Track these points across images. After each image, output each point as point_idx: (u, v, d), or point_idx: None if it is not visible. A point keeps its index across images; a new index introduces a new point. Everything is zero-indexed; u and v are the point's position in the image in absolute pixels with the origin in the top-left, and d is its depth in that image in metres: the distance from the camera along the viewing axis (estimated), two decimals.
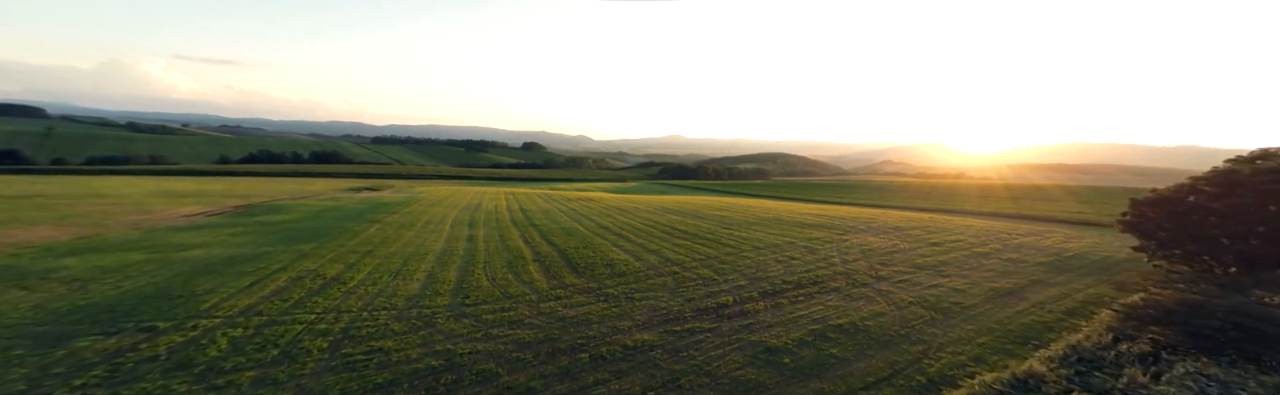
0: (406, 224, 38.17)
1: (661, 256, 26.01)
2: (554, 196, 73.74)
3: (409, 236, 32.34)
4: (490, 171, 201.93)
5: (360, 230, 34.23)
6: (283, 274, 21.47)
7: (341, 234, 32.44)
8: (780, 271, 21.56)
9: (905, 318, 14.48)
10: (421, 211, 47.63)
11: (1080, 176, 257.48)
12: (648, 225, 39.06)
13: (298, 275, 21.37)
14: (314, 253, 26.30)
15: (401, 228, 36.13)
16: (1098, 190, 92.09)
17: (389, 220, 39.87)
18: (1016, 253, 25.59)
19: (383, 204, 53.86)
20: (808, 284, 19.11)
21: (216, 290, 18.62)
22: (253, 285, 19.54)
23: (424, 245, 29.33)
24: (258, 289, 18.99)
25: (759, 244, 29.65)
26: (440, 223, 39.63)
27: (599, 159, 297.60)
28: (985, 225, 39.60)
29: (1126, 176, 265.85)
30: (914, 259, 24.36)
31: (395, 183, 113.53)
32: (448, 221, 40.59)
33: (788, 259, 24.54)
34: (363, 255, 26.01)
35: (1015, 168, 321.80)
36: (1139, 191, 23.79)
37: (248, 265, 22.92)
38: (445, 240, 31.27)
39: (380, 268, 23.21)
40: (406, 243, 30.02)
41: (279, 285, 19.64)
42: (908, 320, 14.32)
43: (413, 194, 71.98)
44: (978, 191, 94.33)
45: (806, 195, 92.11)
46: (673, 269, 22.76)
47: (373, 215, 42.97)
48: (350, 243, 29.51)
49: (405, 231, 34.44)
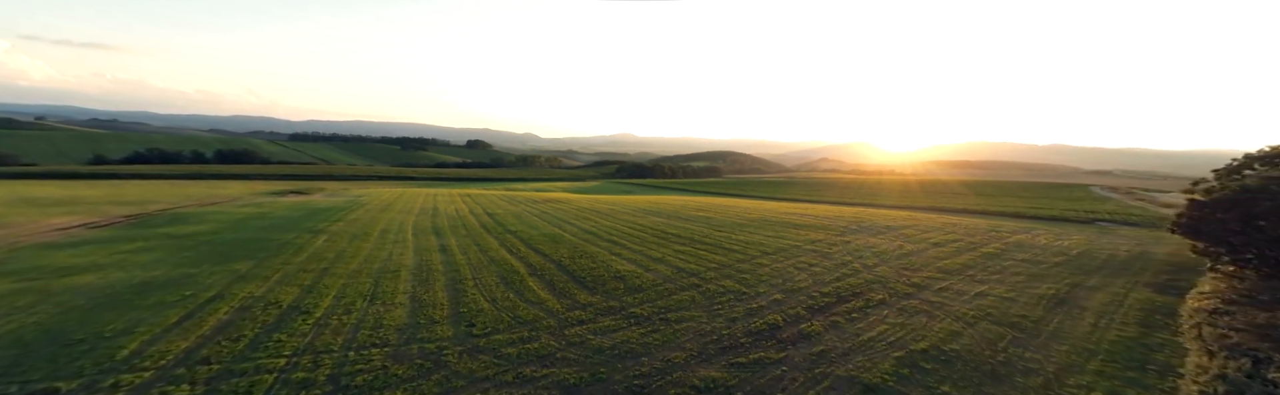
0: (360, 234, 33.86)
1: (671, 266, 24.18)
2: (517, 198, 69.88)
3: (369, 249, 28.43)
4: (435, 171, 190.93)
5: (304, 243, 29.78)
6: (221, 304, 17.57)
7: (282, 248, 27.97)
8: (809, 281, 20.40)
9: (985, 337, 13.46)
10: (372, 218, 42.88)
11: (978, 171, 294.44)
12: (635, 229, 37.09)
13: (242, 304, 17.57)
14: (253, 273, 22.17)
15: (355, 238, 31.91)
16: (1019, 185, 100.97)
17: (335, 229, 35.27)
18: (1024, 253, 26.15)
19: (321, 210, 48.19)
20: (848, 296, 18.02)
21: (134, 330, 14.70)
22: (184, 321, 15.68)
23: (392, 259, 25.72)
24: (193, 326, 15.21)
25: (765, 249, 28.56)
26: (400, 231, 35.56)
27: (551, 158, 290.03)
28: (968, 223, 41.02)
29: (1014, 172, 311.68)
30: (933, 262, 24.10)
31: (326, 185, 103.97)
32: (408, 229, 36.54)
33: (806, 266, 23.50)
34: (319, 274, 22.22)
35: (929, 164, 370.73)
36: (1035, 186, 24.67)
37: (168, 293, 18.68)
38: (415, 252, 27.71)
39: (348, 290, 19.73)
40: (369, 257, 26.23)
41: (221, 319, 15.91)
42: (990, 341, 13.30)
43: (353, 197, 65.59)
44: (920, 188, 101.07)
45: (772, 193, 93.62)
46: (691, 281, 21.00)
47: (313, 223, 37.97)
48: (297, 259, 25.35)
49: (361, 243, 30.35)
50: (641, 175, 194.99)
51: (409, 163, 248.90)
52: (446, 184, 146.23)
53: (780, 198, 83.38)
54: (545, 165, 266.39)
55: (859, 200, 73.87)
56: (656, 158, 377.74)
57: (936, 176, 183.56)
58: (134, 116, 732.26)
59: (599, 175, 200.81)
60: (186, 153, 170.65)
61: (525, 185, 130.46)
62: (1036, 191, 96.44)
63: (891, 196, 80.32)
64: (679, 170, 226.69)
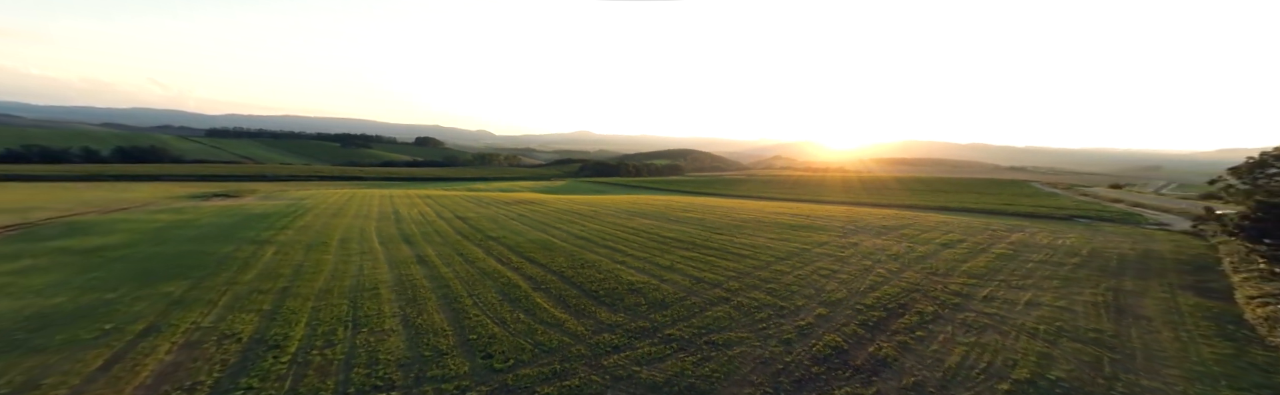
0: (316, 243, 30.18)
1: (686, 275, 22.51)
2: (484, 199, 66.18)
3: (333, 262, 25.11)
4: (384, 171, 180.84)
5: (249, 256, 26.04)
6: (158, 339, 14.39)
7: (223, 264, 24.23)
8: (843, 291, 19.23)
9: (1082, 360, 12.13)
10: (325, 224, 38.77)
11: (914, 168, 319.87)
12: (628, 233, 35.19)
13: (188, 339, 14.46)
14: (193, 297, 18.76)
15: (312, 249, 28.32)
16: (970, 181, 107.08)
17: (284, 239, 31.35)
18: (1035, 253, 26.29)
19: (260, 216, 43.31)
20: (896, 308, 16.94)
21: (40, 381, 11.48)
22: (112, 365, 12.57)
23: (365, 274, 22.67)
24: (126, 372, 12.15)
25: (776, 253, 27.42)
26: (364, 240, 32.05)
27: (511, 156, 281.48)
28: (958, 221, 41.62)
29: (945, 168, 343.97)
30: (955, 266, 23.61)
31: (258, 186, 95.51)
32: (373, 237, 33.06)
33: (829, 273, 22.42)
34: (279, 296, 19.06)
35: (870, 162, 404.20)
36: (985, 183, 25.09)
37: (81, 328, 15.24)
38: (390, 265, 24.67)
39: (322, 315, 16.82)
40: (336, 272, 23.04)
41: (164, 361, 12.87)
42: (1091, 365, 11.91)
43: (294, 200, 59.95)
44: (882, 186, 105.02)
45: (747, 192, 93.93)
46: (717, 293, 19.38)
47: (254, 232, 33.74)
48: (245, 277, 21.88)
49: (320, 254, 26.89)
50: (607, 174, 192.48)
51: (353, 161, 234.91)
52: (399, 184, 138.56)
53: (757, 196, 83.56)
54: (504, 164, 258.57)
55: (836, 198, 75.00)
56: (618, 156, 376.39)
57: (888, 174, 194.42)
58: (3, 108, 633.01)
59: (563, 174, 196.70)
60: (76, 150, 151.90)
61: (487, 185, 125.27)
62: (990, 188, 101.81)
63: (864, 194, 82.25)
64: (643, 168, 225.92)
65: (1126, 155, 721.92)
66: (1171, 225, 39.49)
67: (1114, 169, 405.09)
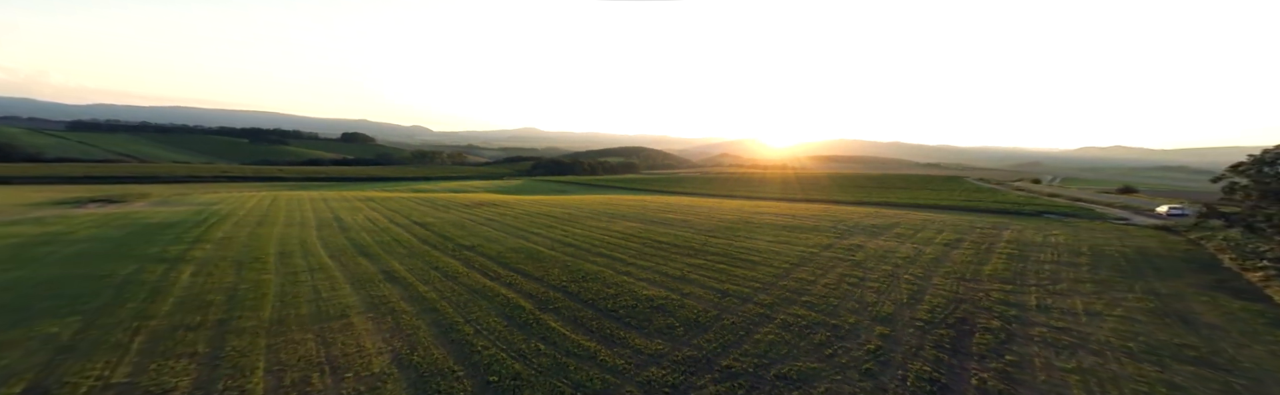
0: (247, 260, 25.73)
1: (705, 287, 20.62)
2: (438, 201, 61.28)
3: (276, 283, 21.16)
4: (309, 170, 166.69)
5: (158, 279, 21.55)
6: None
7: (123, 291, 19.77)
8: (887, 303, 17.84)
9: (1217, 390, 10.95)
10: (253, 235, 33.72)
11: (843, 165, 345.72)
12: (617, 238, 32.90)
13: None
14: (89, 340, 14.81)
15: (244, 267, 24.00)
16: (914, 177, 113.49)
17: (202, 255, 26.55)
18: (1040, 252, 26.44)
19: (159, 226, 37.22)
20: (954, 322, 15.74)
21: None
22: None
23: (325, 298, 19.07)
24: None
25: (787, 258, 26.12)
26: (309, 253, 27.81)
27: (455, 153, 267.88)
28: (940, 219, 42.23)
29: (874, 164, 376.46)
30: (975, 270, 22.95)
31: (150, 189, 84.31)
32: (319, 250, 28.82)
33: (857, 280, 21.24)
34: (216, 333, 15.37)
35: (806, 159, 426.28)
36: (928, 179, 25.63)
37: None
38: (353, 285, 21.08)
39: (283, 357, 13.51)
40: (285, 296, 19.27)
41: None
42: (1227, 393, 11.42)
43: (203, 206, 52.66)
44: (835, 183, 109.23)
45: (715, 190, 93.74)
46: (752, 309, 17.61)
47: (157, 248, 28.54)
48: (159, 308, 17.80)
49: (257, 274, 22.75)
50: (561, 172, 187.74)
51: (268, 160, 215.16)
52: (329, 185, 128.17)
53: (726, 195, 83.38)
54: (448, 162, 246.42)
55: (805, 196, 75.95)
56: (569, 153, 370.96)
57: (831, 170, 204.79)
58: None
59: (515, 172, 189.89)
60: None
61: (434, 185, 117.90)
62: (934, 184, 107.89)
63: (831, 192, 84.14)
64: (598, 166, 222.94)
65: (1011, 152, 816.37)
66: (1131, 220, 42.40)
67: (1005, 164, 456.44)
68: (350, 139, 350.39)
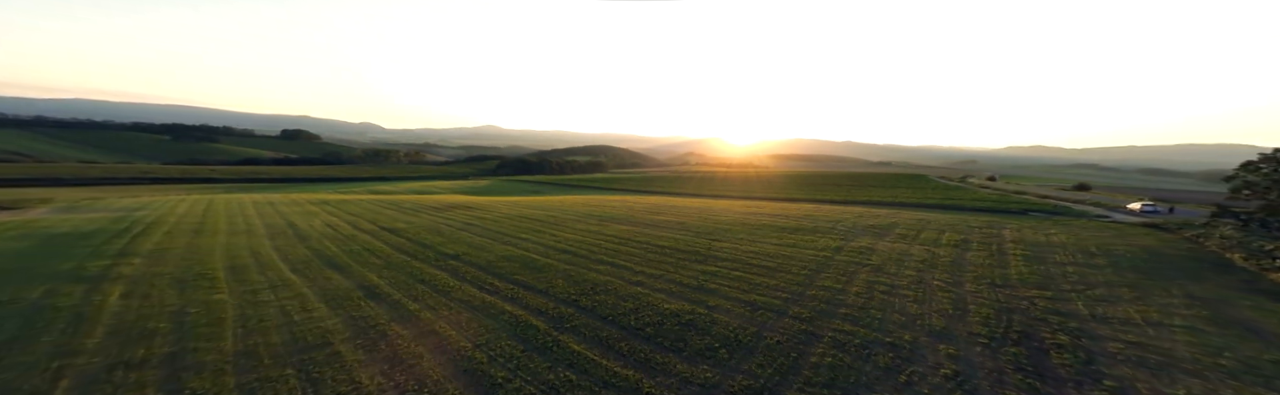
0: (191, 277, 22.70)
1: (730, 298, 19.31)
2: (404, 204, 57.64)
3: (234, 306, 18.49)
4: (248, 171, 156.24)
5: (78, 303, 18.57)
6: None
7: (33, 320, 16.75)
8: (933, 315, 16.80)
9: None
10: (191, 246, 30.25)
11: (806, 164, 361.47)
12: (614, 243, 31.23)
13: None
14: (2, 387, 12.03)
15: (189, 286, 21.08)
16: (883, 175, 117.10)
17: (132, 273, 23.30)
18: (1053, 254, 26.30)
19: (71, 237, 33.00)
20: (1017, 338, 14.67)
21: None
22: None
23: (298, 322, 16.64)
24: None
25: (803, 263, 25.16)
26: (265, 267, 24.89)
27: (412, 152, 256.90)
28: (933, 218, 42.54)
29: (834, 162, 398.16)
30: (1001, 274, 22.54)
31: (53, 193, 76.62)
32: (277, 263, 25.88)
33: (888, 288, 20.34)
34: (168, 371, 12.95)
35: (768, 157, 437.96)
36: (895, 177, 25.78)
37: None
38: (329, 305, 18.64)
39: None
40: (247, 322, 16.72)
41: None
42: None
43: (123, 213, 47.49)
44: (809, 181, 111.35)
45: (694, 190, 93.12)
46: (792, 324, 16.32)
47: (71, 264, 25.00)
48: (87, 340, 15.11)
49: (207, 294, 19.94)
50: (529, 171, 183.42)
51: (196, 159, 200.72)
52: (273, 187, 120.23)
53: (707, 194, 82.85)
54: (404, 161, 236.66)
55: (787, 195, 76.24)
56: (534, 152, 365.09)
57: (800, 169, 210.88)
58: None
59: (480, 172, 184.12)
60: None
61: (393, 186, 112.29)
62: (907, 182, 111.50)
63: (808, 191, 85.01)
64: (566, 165, 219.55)
65: (950, 151, 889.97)
66: (1112, 217, 44.08)
67: (946, 162, 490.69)
68: (292, 136, 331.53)
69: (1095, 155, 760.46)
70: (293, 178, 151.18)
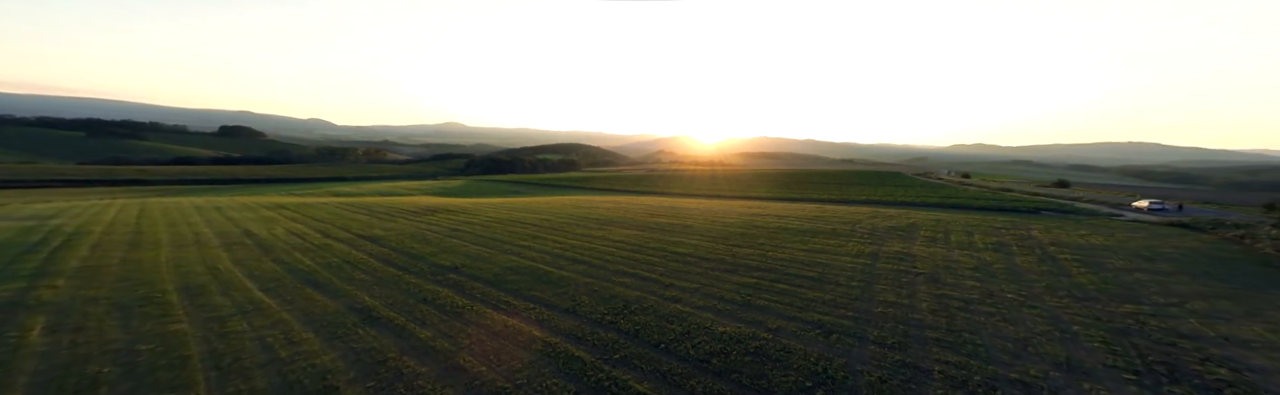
0: (134, 301, 19.59)
1: (787, 317, 17.51)
2: (376, 208, 53.89)
3: (200, 340, 15.70)
4: (183, 171, 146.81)
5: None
6: None
7: None
8: (1042, 341, 14.66)
9: None
10: (128, 262, 26.73)
11: (775, 162, 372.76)
12: (627, 250, 29.16)
13: None
14: None
15: (133, 313, 18.08)
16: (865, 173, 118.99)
17: (55, 298, 19.96)
18: (1108, 258, 25.13)
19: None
20: (1171, 373, 12.23)
21: None
22: None
23: (284, 360, 14.03)
24: None
25: (847, 272, 23.61)
26: (228, 286, 21.83)
27: (371, 150, 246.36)
28: (951, 219, 41.76)
29: (799, 160, 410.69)
30: (1072, 284, 21.24)
31: None
32: (243, 281, 22.82)
33: (963, 304, 18.74)
34: None
35: (737, 155, 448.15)
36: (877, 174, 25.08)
37: None
38: (320, 335, 15.98)
39: None
40: (219, 360, 14.07)
41: None
42: None
43: (35, 221, 41.35)
44: (794, 179, 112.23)
45: (681, 189, 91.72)
46: (880, 353, 14.45)
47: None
48: (13, 379, 12.04)
49: (158, 323, 17.04)
50: (500, 170, 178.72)
51: (119, 158, 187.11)
52: (216, 189, 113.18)
53: (700, 194, 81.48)
54: (362, 159, 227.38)
55: (782, 194, 75.60)
56: (503, 150, 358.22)
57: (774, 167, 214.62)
58: None
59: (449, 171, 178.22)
60: None
61: (355, 187, 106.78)
62: (889, 179, 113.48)
63: (801, 189, 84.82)
64: (538, 164, 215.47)
65: (903, 149, 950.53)
66: (1124, 215, 44.70)
67: (902, 159, 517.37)
68: (231, 133, 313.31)
69: (1028, 152, 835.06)
70: (237, 178, 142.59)
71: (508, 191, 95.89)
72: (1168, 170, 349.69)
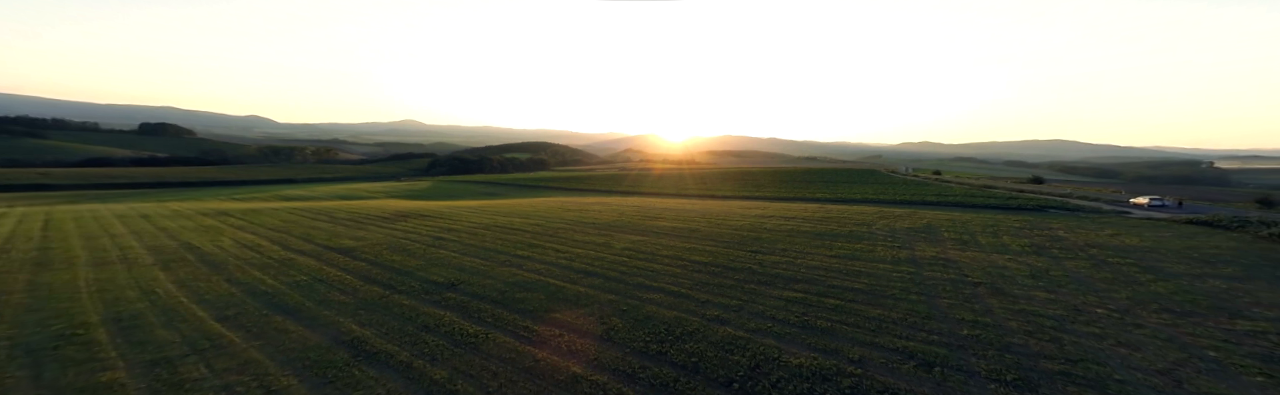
0: (48, 341, 16.39)
1: (863, 343, 15.59)
2: (337, 213, 49.75)
3: (136, 392, 12.54)
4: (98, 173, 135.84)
5: None
6: None
7: None
8: (1187, 372, 12.63)
9: None
10: (32, 288, 23.03)
11: (742, 160, 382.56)
12: (640, 259, 26.93)
13: None
14: None
15: (44, 358, 14.94)
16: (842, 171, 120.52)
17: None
18: (1155, 261, 24.40)
19: None
20: None
21: None
22: None
23: None
24: None
25: (896, 284, 21.99)
26: (170, 316, 18.66)
27: (322, 149, 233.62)
28: (966, 219, 41.04)
29: (764, 158, 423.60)
30: (1158, 295, 19.78)
31: None
32: (188, 309, 19.62)
33: (1054, 322, 16.68)
34: None
35: (705, 154, 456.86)
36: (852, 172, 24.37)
37: None
38: (300, 376, 13.32)
39: None
40: None
41: None
42: None
43: None
44: (778, 177, 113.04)
45: (665, 189, 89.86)
46: (993, 392, 12.78)
47: None
48: None
49: (83, 372, 14.12)
50: (468, 170, 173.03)
51: (15, 159, 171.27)
52: (140, 194, 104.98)
53: (690, 194, 79.69)
54: (312, 159, 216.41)
55: (775, 194, 74.56)
56: (464, 149, 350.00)
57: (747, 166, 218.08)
58: None
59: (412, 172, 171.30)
60: None
61: (307, 189, 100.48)
62: (870, 177, 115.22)
63: (790, 188, 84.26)
64: (507, 163, 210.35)
65: (858, 147, 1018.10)
66: (1131, 213, 45.31)
67: (858, 157, 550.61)
68: (155, 131, 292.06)
69: (968, 150, 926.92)
70: (165, 182, 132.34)
71: (481, 193, 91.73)
72: (1088, 166, 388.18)
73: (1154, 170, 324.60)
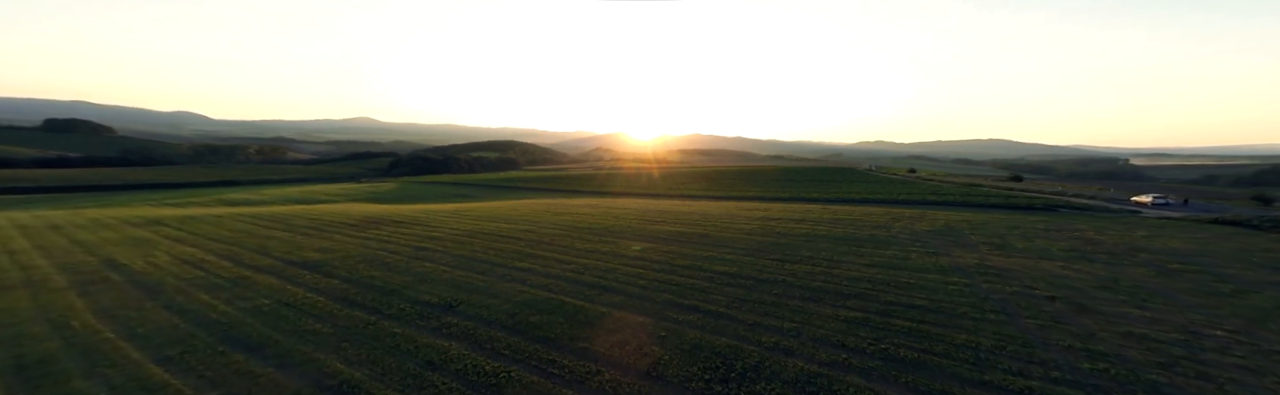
0: None
1: (980, 384, 13.69)
2: (293, 220, 45.49)
3: None
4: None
5: None
6: None
7: None
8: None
9: None
10: None
11: (713, 159, 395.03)
12: (657, 270, 24.51)
13: None
14: None
15: None
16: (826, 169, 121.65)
17: None
18: (1215, 266, 23.73)
19: None
20: None
21: None
22: None
23: None
24: None
25: (958, 299, 20.26)
26: (94, 359, 15.65)
27: (266, 148, 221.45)
28: (984, 220, 40.18)
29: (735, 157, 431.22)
30: (1256, 309, 18.91)
31: None
32: (117, 347, 16.45)
33: (1181, 349, 14.85)
34: None
35: (675, 152, 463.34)
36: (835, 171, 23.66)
37: None
38: None
39: None
40: None
41: None
42: None
43: None
44: (764, 177, 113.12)
45: (651, 189, 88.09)
46: None
47: None
48: None
49: None
50: (433, 170, 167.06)
51: None
52: (51, 200, 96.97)
53: (680, 195, 77.81)
54: (257, 159, 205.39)
55: (768, 193, 73.52)
56: (427, 148, 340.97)
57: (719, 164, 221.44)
58: None
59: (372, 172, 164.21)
60: None
61: (255, 193, 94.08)
62: (852, 175, 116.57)
63: (779, 188, 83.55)
64: (475, 163, 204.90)
65: (819, 146, 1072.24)
66: (1140, 212, 45.63)
67: (820, 155, 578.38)
68: (65, 127, 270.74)
69: (919, 148, 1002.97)
70: (77, 186, 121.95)
71: (453, 195, 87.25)
72: (1025, 163, 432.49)
73: (1082, 167, 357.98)
